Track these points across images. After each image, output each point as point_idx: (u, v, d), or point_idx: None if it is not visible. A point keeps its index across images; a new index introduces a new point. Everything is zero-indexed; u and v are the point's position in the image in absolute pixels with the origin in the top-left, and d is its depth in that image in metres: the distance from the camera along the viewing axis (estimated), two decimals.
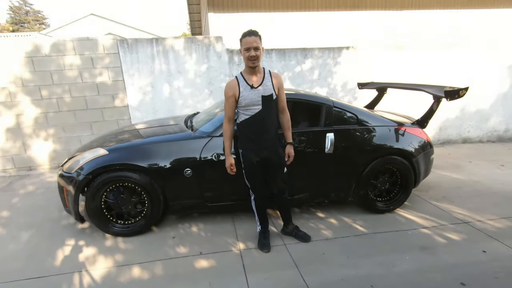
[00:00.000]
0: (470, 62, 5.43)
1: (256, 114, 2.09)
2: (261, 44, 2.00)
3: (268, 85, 2.09)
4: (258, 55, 1.99)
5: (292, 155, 2.29)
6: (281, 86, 2.15)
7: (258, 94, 2.06)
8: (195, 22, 9.91)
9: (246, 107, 2.10)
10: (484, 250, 2.30)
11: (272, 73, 2.14)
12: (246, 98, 2.07)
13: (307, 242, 2.42)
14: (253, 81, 2.08)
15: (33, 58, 4.31)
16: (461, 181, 3.78)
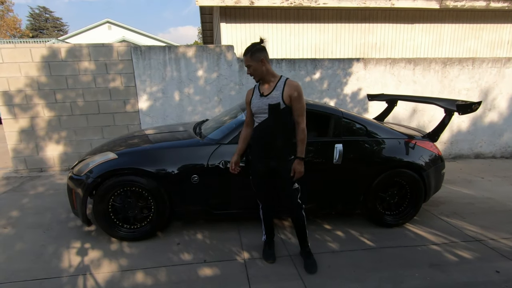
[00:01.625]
0: (483, 76, 5.36)
1: (263, 122, 2.09)
2: (254, 59, 1.99)
3: (277, 94, 2.05)
4: (252, 72, 2.04)
5: (298, 172, 2.07)
6: (295, 96, 2.02)
7: (265, 103, 2.05)
8: (207, 32, 10.11)
9: (255, 114, 2.13)
10: (498, 270, 2.21)
11: (287, 82, 2.06)
12: (254, 105, 2.10)
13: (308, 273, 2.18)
14: (264, 89, 2.10)
15: (50, 62, 4.45)
16: (473, 197, 3.68)
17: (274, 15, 6.24)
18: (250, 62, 2.01)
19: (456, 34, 6.79)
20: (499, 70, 5.33)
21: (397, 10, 6.43)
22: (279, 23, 6.28)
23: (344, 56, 6.58)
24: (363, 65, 5.17)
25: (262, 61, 2.01)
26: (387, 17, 6.53)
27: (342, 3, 5.96)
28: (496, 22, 6.78)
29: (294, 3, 5.84)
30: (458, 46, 6.85)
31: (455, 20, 6.69)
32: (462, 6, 6.21)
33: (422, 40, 6.73)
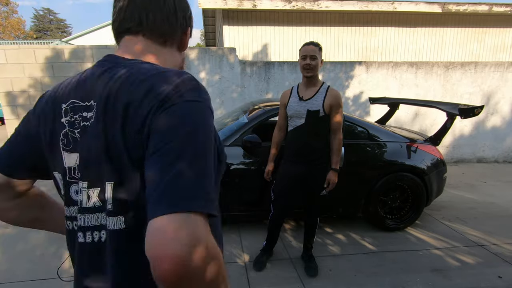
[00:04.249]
0: (485, 80, 5.35)
1: (298, 127, 2.02)
2: (320, 55, 1.93)
3: (318, 100, 1.97)
4: (314, 65, 1.92)
5: (332, 183, 2.05)
6: (336, 105, 1.97)
7: (305, 107, 1.98)
8: (210, 34, 10.15)
9: (291, 117, 2.06)
10: (500, 276, 2.19)
11: (330, 90, 2.00)
12: (291, 108, 2.03)
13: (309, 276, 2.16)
14: (304, 93, 2.02)
15: (53, 64, 4.48)
16: (475, 201, 3.65)
17: (276, 18, 6.26)
18: (317, 54, 1.92)
19: (459, 38, 6.78)
20: (502, 74, 5.32)
21: (399, 13, 6.44)
22: (281, 26, 6.30)
23: (346, 59, 6.59)
24: (365, 68, 5.17)
25: (322, 61, 1.98)
26: (389, 21, 6.54)
27: (344, 7, 5.97)
28: (499, 26, 6.77)
29: (296, 6, 5.86)
30: (460, 50, 6.85)
31: (458, 24, 6.69)
32: (465, 10, 6.22)
33: (425, 44, 6.73)
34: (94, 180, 0.53)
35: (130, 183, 0.50)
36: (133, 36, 0.60)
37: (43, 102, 0.61)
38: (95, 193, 0.53)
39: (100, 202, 0.53)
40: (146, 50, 0.59)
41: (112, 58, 0.57)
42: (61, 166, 0.57)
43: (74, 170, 0.55)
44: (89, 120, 0.53)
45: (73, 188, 0.56)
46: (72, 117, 0.55)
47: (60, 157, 0.56)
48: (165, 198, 0.40)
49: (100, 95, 0.52)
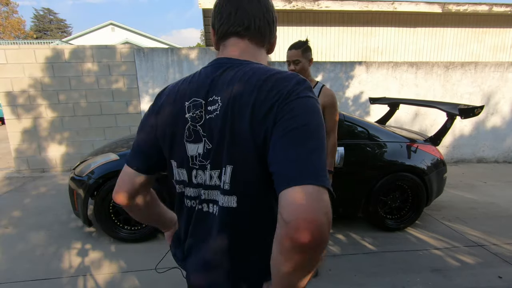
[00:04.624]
0: (485, 80, 5.35)
1: None
2: (306, 56, 1.85)
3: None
4: (298, 69, 1.86)
5: None
6: (330, 105, 1.90)
7: None
8: (210, 34, 10.15)
9: None
10: (500, 276, 2.19)
11: (323, 90, 1.93)
12: None
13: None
14: None
15: (53, 64, 4.48)
16: (475, 201, 3.65)
17: None
18: (300, 58, 1.84)
19: (459, 38, 6.79)
20: (502, 74, 5.32)
21: (399, 13, 6.45)
22: (281, 26, 6.30)
23: (346, 59, 6.59)
24: (365, 68, 5.17)
25: (311, 61, 1.90)
26: (389, 21, 6.54)
27: (344, 7, 5.98)
28: (499, 26, 6.77)
29: (297, 6, 5.86)
30: (460, 50, 6.85)
31: (458, 24, 6.69)
32: (465, 10, 6.22)
33: (425, 44, 6.73)
34: (216, 163, 0.62)
35: (248, 166, 0.58)
36: (240, 39, 0.68)
37: (163, 102, 0.70)
38: (216, 174, 0.63)
39: (219, 181, 0.62)
40: (249, 52, 0.68)
41: (226, 60, 0.66)
42: (181, 155, 0.67)
43: (196, 158, 0.65)
44: (213, 113, 0.61)
45: (193, 172, 0.66)
46: (194, 112, 0.64)
47: (183, 148, 0.66)
48: (300, 173, 0.48)
49: (225, 92, 0.60)
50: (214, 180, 0.63)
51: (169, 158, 0.70)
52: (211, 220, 0.66)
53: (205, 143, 0.63)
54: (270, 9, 0.69)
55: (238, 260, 0.64)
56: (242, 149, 0.58)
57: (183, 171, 0.68)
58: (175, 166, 0.69)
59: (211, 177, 0.64)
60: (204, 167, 0.64)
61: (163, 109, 0.69)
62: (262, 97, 0.56)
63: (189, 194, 0.70)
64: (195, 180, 0.67)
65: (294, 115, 0.54)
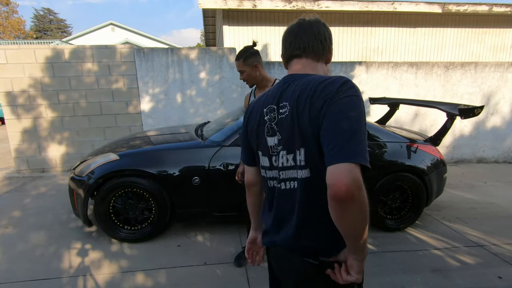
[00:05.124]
0: (485, 80, 5.35)
1: None
2: (248, 63, 1.87)
3: None
4: (246, 78, 1.92)
5: None
6: None
7: None
8: (210, 34, 10.16)
9: None
10: (500, 276, 2.19)
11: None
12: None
13: None
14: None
15: (53, 64, 4.48)
16: (475, 201, 3.65)
17: (276, 18, 6.27)
18: (243, 68, 1.89)
19: (459, 38, 6.79)
20: (502, 75, 5.32)
21: (399, 14, 6.45)
22: (281, 26, 6.31)
23: (346, 60, 6.59)
24: (365, 68, 5.17)
25: (256, 66, 1.90)
26: (389, 21, 6.54)
27: (344, 7, 5.98)
28: (499, 26, 6.77)
29: (297, 6, 5.86)
30: (460, 50, 6.85)
31: (458, 24, 6.69)
32: (465, 11, 6.22)
33: (425, 44, 6.74)
34: (289, 149, 0.84)
35: (313, 148, 0.79)
36: (299, 59, 0.92)
37: (251, 110, 0.97)
38: (290, 157, 0.84)
39: (293, 162, 0.84)
40: (308, 66, 0.91)
41: (291, 76, 0.90)
42: (264, 146, 0.91)
43: (274, 147, 0.88)
44: (284, 114, 0.85)
45: (273, 158, 0.89)
46: (270, 115, 0.89)
47: (265, 141, 0.91)
48: (341, 153, 0.69)
49: (291, 98, 0.83)
50: (289, 162, 0.85)
51: (257, 150, 0.96)
52: (291, 194, 0.86)
53: (277, 136, 0.87)
54: (320, 32, 0.91)
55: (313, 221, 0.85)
56: (307, 136, 0.79)
57: (266, 158, 0.92)
58: (261, 155, 0.94)
59: (287, 160, 0.85)
60: (278, 153, 0.87)
61: (251, 117, 0.96)
62: (315, 99, 0.77)
63: (270, 176, 0.92)
64: (275, 163, 0.89)
65: (339, 110, 0.73)
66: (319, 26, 0.92)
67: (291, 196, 0.86)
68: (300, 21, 0.93)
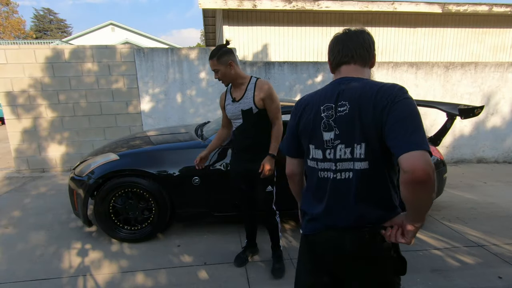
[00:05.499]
0: (485, 80, 5.35)
1: (239, 127, 2.02)
2: (222, 62, 1.87)
3: (249, 98, 1.94)
4: (221, 77, 1.92)
5: (266, 168, 1.93)
6: (268, 96, 1.92)
7: (238, 108, 1.97)
8: (210, 34, 10.16)
9: (231, 119, 2.07)
10: (500, 276, 2.19)
11: (258, 84, 1.95)
12: (229, 111, 2.03)
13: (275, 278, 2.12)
14: (236, 94, 2.00)
15: (53, 64, 4.48)
16: (475, 202, 3.65)
17: (276, 18, 6.27)
18: (217, 67, 1.89)
19: (459, 38, 6.79)
20: (502, 75, 5.32)
21: (399, 14, 6.45)
22: (281, 26, 6.31)
23: None
24: None
25: (231, 64, 1.89)
26: (389, 21, 6.54)
27: (344, 7, 5.98)
28: (499, 26, 6.77)
29: (297, 6, 5.86)
30: (460, 50, 6.85)
31: (458, 24, 6.69)
32: (465, 11, 6.22)
33: (425, 44, 6.74)
34: (348, 143, 0.95)
35: (373, 142, 0.91)
36: (348, 65, 1.03)
37: (303, 107, 1.07)
38: (348, 150, 0.95)
39: (350, 155, 0.95)
40: (357, 71, 1.02)
41: (345, 79, 1.01)
42: (318, 140, 1.01)
43: (329, 141, 0.98)
44: (343, 112, 0.95)
45: (327, 151, 0.99)
46: (328, 113, 0.99)
47: (320, 135, 1.00)
48: (413, 143, 0.81)
49: (350, 98, 0.95)
50: (347, 155, 0.96)
51: (309, 143, 1.05)
52: (346, 182, 0.97)
53: (334, 131, 0.97)
54: (366, 40, 1.02)
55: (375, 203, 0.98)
56: (369, 132, 0.91)
57: (319, 151, 1.01)
58: (313, 148, 1.03)
59: (344, 152, 0.96)
60: (335, 147, 0.97)
61: (305, 113, 1.05)
62: (378, 99, 0.90)
63: (322, 167, 1.02)
64: (328, 156, 0.99)
65: (401, 110, 0.86)
66: (364, 35, 1.04)
67: (346, 184, 0.97)
68: (346, 31, 1.05)
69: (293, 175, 1.17)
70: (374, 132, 0.90)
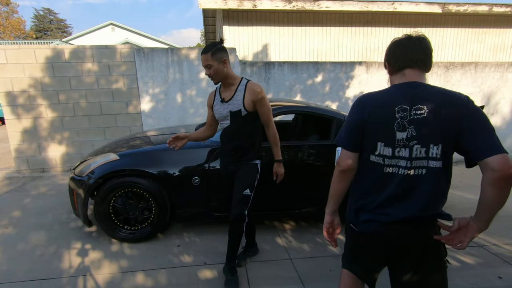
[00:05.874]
0: (485, 80, 5.35)
1: (227, 128, 1.98)
2: (216, 58, 1.81)
3: (238, 99, 1.88)
4: (212, 73, 1.85)
5: (280, 174, 2.03)
6: (258, 99, 1.88)
7: (227, 109, 1.92)
8: (210, 34, 10.16)
9: (218, 120, 2.04)
10: (500, 276, 2.19)
11: (248, 86, 1.89)
12: (216, 112, 1.99)
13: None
14: (225, 94, 1.95)
15: (53, 64, 4.48)
16: (475, 201, 3.62)
17: (276, 18, 6.27)
18: (211, 62, 1.81)
19: (459, 38, 6.79)
20: (502, 75, 5.32)
21: (399, 14, 6.45)
22: (281, 26, 6.31)
23: (346, 60, 6.59)
24: (365, 68, 5.17)
25: (224, 62, 1.85)
26: (389, 21, 6.54)
27: (344, 7, 5.98)
28: (499, 26, 6.77)
29: (297, 6, 5.86)
30: (460, 50, 6.85)
31: (458, 25, 6.69)
32: (465, 11, 6.22)
33: None
34: (424, 143, 1.02)
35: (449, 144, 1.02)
36: (412, 69, 1.10)
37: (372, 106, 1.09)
38: (423, 150, 1.03)
39: (425, 154, 1.03)
40: (420, 77, 1.10)
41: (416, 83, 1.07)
42: (389, 138, 1.06)
43: (401, 140, 1.04)
44: (420, 115, 1.02)
45: (397, 149, 1.05)
46: (402, 114, 1.04)
47: (392, 134, 1.05)
48: (497, 147, 0.94)
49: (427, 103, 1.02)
50: (422, 154, 1.04)
51: (377, 141, 1.08)
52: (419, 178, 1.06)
53: (411, 132, 1.03)
54: (429, 47, 1.11)
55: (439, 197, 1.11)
56: (447, 135, 1.00)
57: (389, 149, 1.06)
58: (382, 145, 1.08)
59: (420, 152, 1.03)
60: (406, 146, 1.04)
61: (374, 111, 1.08)
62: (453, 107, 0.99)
63: (389, 163, 1.08)
64: (397, 154, 1.06)
65: (480, 119, 0.98)
66: (427, 42, 1.11)
67: (418, 180, 1.06)
68: (408, 36, 1.14)
69: (349, 169, 1.16)
70: (452, 136, 1.00)
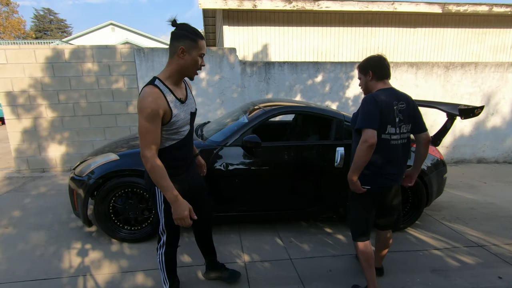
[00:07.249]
0: (485, 80, 5.35)
1: (186, 136, 1.56)
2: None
3: (191, 97, 1.61)
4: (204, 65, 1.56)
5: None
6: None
7: (188, 111, 1.54)
8: (210, 34, 10.16)
9: (178, 129, 1.49)
10: (500, 277, 2.19)
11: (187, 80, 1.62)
12: (179, 117, 1.46)
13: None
14: (181, 93, 1.52)
15: (53, 64, 4.48)
16: (475, 202, 3.65)
17: (276, 18, 6.26)
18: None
19: (459, 39, 6.79)
20: (502, 75, 5.32)
21: (399, 14, 6.45)
22: (281, 26, 6.30)
23: (346, 60, 6.59)
24: None
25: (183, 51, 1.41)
26: (389, 21, 6.54)
27: (344, 7, 5.98)
28: (499, 26, 6.77)
29: (297, 6, 5.86)
30: (460, 50, 6.85)
31: (458, 25, 6.69)
32: (465, 11, 6.22)
33: (425, 44, 6.74)
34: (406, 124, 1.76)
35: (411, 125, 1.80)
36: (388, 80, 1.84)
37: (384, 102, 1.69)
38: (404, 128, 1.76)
39: (405, 130, 1.77)
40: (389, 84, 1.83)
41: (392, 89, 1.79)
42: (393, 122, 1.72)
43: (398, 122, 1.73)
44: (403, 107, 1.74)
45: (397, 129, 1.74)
46: (397, 106, 1.73)
47: (394, 119, 1.72)
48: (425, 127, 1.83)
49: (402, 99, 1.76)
50: (403, 130, 1.75)
51: (387, 123, 1.70)
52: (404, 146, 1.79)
53: (400, 117, 1.72)
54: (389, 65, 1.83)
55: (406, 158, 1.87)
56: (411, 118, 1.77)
57: (394, 129, 1.72)
58: (390, 126, 1.71)
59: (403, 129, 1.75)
60: (400, 127, 1.73)
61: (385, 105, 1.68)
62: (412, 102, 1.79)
63: (394, 138, 1.73)
64: (396, 131, 1.73)
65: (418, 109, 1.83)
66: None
67: (403, 147, 1.79)
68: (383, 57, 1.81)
69: (374, 144, 1.64)
70: (413, 119, 1.77)
